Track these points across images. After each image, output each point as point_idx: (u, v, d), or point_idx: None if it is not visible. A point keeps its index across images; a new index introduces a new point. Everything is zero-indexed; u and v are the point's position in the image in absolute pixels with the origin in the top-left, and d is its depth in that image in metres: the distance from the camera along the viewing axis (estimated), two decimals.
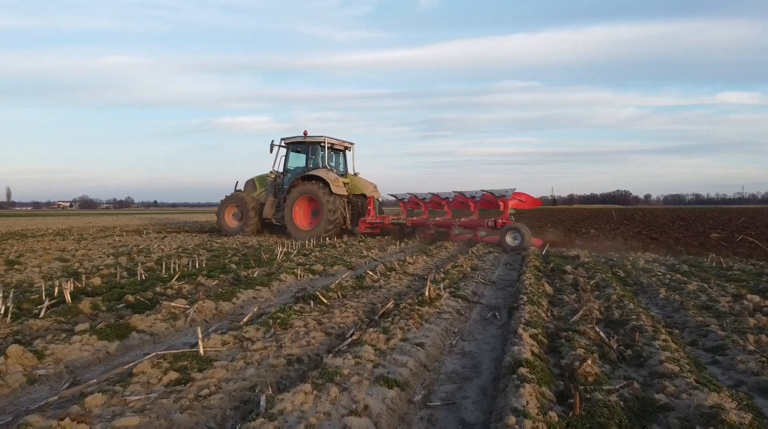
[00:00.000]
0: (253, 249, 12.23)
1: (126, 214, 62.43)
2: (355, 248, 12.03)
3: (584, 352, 3.80)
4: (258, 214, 16.70)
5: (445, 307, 5.21)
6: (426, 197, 14.43)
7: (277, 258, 9.24)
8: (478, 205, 13.63)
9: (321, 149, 16.10)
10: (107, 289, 6.30)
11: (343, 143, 16.98)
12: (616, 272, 8.44)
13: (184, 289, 6.32)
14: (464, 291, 6.21)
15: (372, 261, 9.90)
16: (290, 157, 16.68)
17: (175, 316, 4.78)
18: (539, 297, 5.67)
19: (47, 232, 19.69)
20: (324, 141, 15.96)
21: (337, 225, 15.05)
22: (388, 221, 14.96)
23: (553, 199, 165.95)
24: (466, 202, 13.82)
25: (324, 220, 14.91)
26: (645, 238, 16.11)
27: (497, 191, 12.86)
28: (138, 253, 10.95)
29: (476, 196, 13.44)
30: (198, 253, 11.18)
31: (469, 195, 13.47)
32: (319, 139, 15.97)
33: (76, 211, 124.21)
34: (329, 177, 14.93)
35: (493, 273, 8.52)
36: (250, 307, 5.54)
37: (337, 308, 5.11)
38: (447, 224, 13.98)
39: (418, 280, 7.31)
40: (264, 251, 11.15)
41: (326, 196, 14.78)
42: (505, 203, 12.78)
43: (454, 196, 13.96)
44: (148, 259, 9.89)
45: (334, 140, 16.43)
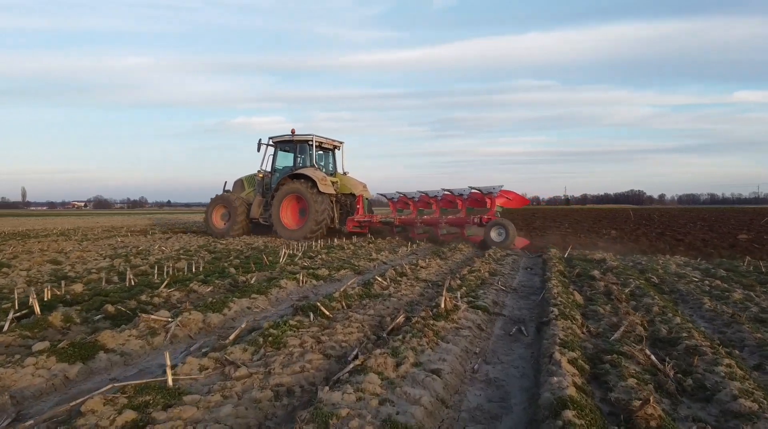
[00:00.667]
0: (258, 251, 11.64)
1: (138, 214, 62.37)
2: (364, 250, 11.39)
3: (636, 383, 3.12)
4: (245, 215, 16.40)
5: (463, 321, 4.55)
6: (415, 196, 14.16)
7: (281, 261, 8.62)
8: (466, 203, 13.36)
9: (309, 148, 15.82)
10: (90, 297, 5.71)
11: (332, 142, 16.65)
12: (649, 278, 7.70)
13: (173, 297, 5.71)
14: (484, 300, 5.54)
15: (381, 264, 9.25)
16: (278, 156, 16.40)
17: (153, 331, 4.16)
18: (571, 308, 4.98)
19: (51, 233, 19.28)
20: (312, 140, 15.66)
21: (324, 224, 14.79)
22: (376, 220, 14.71)
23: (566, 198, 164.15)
24: (454, 200, 13.55)
25: (311, 220, 14.62)
26: (670, 240, 15.29)
27: (484, 188, 12.63)
28: (136, 256, 10.40)
29: (464, 193, 13.18)
30: (199, 255, 10.61)
31: (457, 193, 13.21)
32: (306, 138, 15.68)
33: (90, 210, 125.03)
34: (316, 176, 14.64)
35: (513, 278, 7.83)
36: (243, 320, 4.92)
37: (340, 322, 4.46)
38: (434, 222, 13.68)
39: (431, 287, 6.65)
40: (268, 253, 10.54)
41: (313, 195, 14.51)
42: (492, 201, 12.55)
43: (442, 195, 13.67)
44: (144, 261, 9.32)
45: (323, 139, 16.10)
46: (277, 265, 8.19)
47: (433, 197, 13.80)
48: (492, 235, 11.88)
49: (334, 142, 16.80)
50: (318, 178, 14.61)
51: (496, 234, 11.82)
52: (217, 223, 16.97)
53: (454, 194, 13.31)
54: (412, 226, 14.26)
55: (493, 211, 12.57)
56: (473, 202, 13.22)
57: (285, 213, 15.39)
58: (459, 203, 13.37)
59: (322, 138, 16.06)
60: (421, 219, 13.91)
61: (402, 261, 9.64)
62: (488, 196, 12.65)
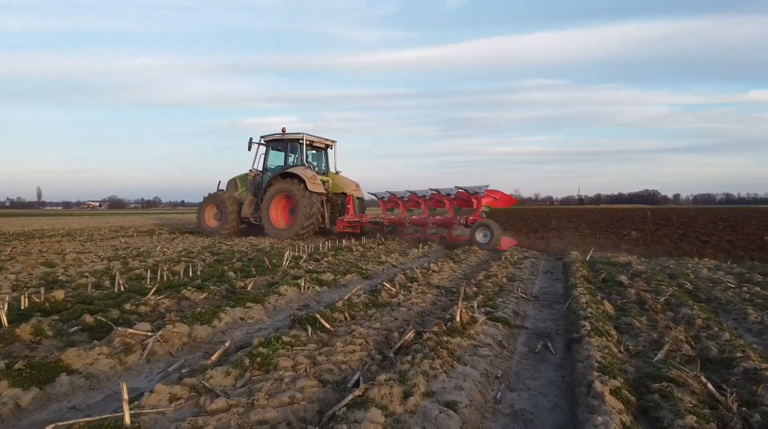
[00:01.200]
0: (262, 252, 11.16)
1: (150, 214, 62.39)
2: (373, 252, 10.85)
3: (696, 422, 2.56)
4: (237, 214, 16.23)
5: (481, 337, 3.99)
6: (404, 196, 13.90)
7: (284, 264, 8.11)
8: (453, 202, 13.04)
9: (300, 147, 15.63)
10: (72, 305, 5.24)
11: (323, 141, 16.43)
12: (682, 284, 7.07)
13: (162, 306, 5.22)
14: (503, 311, 4.98)
15: (391, 268, 8.71)
16: (270, 155, 16.22)
17: (129, 348, 3.66)
18: (602, 321, 4.41)
19: (57, 233, 18.98)
20: (302, 138, 15.49)
21: (314, 223, 14.60)
22: (365, 220, 14.51)
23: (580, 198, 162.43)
24: (442, 200, 13.25)
25: (300, 218, 14.41)
26: (694, 241, 14.59)
27: (471, 188, 12.33)
28: (135, 258, 9.96)
29: (451, 193, 12.86)
30: (201, 257, 10.16)
31: (444, 192, 12.88)
32: (297, 137, 15.51)
33: (104, 210, 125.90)
34: (306, 174, 14.43)
35: (533, 284, 7.25)
36: (235, 333, 4.40)
37: (342, 337, 3.92)
38: (422, 222, 13.45)
39: (445, 295, 6.08)
40: (273, 255, 10.06)
41: (302, 193, 14.31)
42: (478, 200, 12.28)
43: (430, 195, 13.36)
44: (142, 264, 8.86)
45: (314, 137, 15.90)
46: (280, 269, 7.68)
47: (421, 197, 13.54)
48: (477, 237, 11.61)
49: (326, 141, 16.57)
50: (307, 176, 14.40)
51: (482, 235, 11.57)
52: (209, 222, 16.84)
53: (442, 194, 13.04)
54: (401, 225, 14.07)
55: (479, 211, 12.28)
56: (461, 201, 12.96)
57: (275, 212, 15.23)
58: (446, 203, 13.12)
59: (313, 137, 15.88)
60: (409, 219, 13.67)
61: (413, 264, 9.10)
62: (474, 196, 12.38)
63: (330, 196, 15.87)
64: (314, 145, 16.17)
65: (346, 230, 14.84)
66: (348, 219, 14.70)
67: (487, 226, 11.63)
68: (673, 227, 20.97)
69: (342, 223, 14.74)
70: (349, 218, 14.70)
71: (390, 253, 10.68)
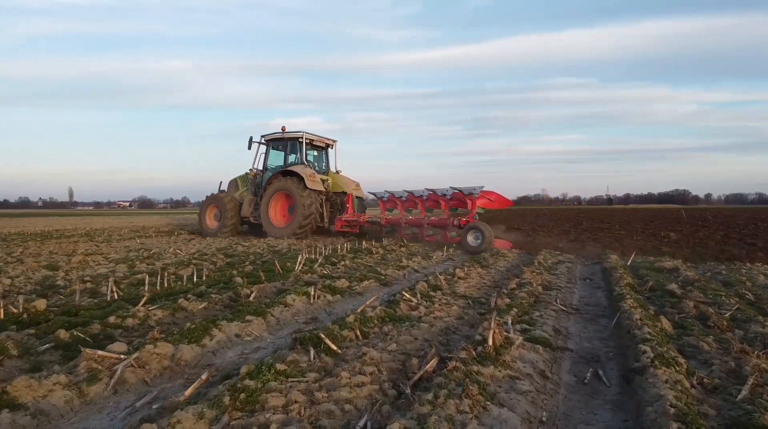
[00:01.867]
0: (278, 254, 10.60)
1: (177, 214, 62.78)
2: (394, 255, 10.19)
3: None
4: (236, 214, 16.10)
5: (519, 365, 3.29)
6: (402, 195, 13.63)
7: (296, 268, 7.49)
8: (449, 203, 12.74)
9: (299, 146, 15.53)
10: (55, 316, 4.70)
11: (323, 140, 16.31)
12: (743, 294, 6.23)
13: (153, 318, 4.64)
14: (542, 328, 4.26)
15: (412, 273, 8.03)
16: (270, 155, 16.14)
17: (95, 375, 3.06)
18: (664, 343, 3.66)
19: (77, 233, 18.80)
20: (302, 137, 15.40)
21: (312, 221, 14.43)
22: (363, 220, 14.29)
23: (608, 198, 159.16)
24: (438, 200, 12.93)
25: (298, 215, 14.23)
26: (739, 243, 13.53)
27: (466, 189, 12.03)
28: (144, 260, 9.49)
29: (447, 194, 12.57)
30: (213, 259, 9.65)
31: (440, 193, 12.60)
32: (297, 135, 15.43)
33: (133, 210, 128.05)
34: (305, 172, 14.33)
35: (572, 293, 6.49)
36: (226, 355, 3.78)
37: (350, 363, 3.26)
38: (418, 223, 13.23)
39: (472, 307, 5.37)
40: (288, 258, 9.49)
41: (300, 191, 14.18)
42: (473, 202, 11.94)
43: (427, 195, 13.07)
44: (150, 267, 8.37)
45: (314, 136, 15.80)
46: (292, 274, 7.07)
47: (418, 197, 13.25)
48: (469, 240, 11.31)
49: (326, 140, 16.41)
50: (306, 174, 14.24)
51: (473, 238, 11.27)
52: (210, 222, 16.72)
53: (437, 194, 12.72)
54: (398, 226, 13.83)
55: (473, 212, 11.95)
56: (458, 202, 12.62)
57: (274, 211, 15.06)
58: (442, 204, 12.75)
59: (313, 136, 15.75)
60: (405, 219, 13.43)
61: (437, 268, 8.39)
62: (469, 197, 12.01)
63: (330, 196, 15.72)
64: (314, 144, 16.02)
65: (345, 230, 14.70)
66: (346, 218, 14.52)
67: (478, 228, 11.29)
68: (712, 228, 19.82)
69: (340, 222, 14.59)
70: (347, 217, 14.52)
71: (412, 256, 9.99)
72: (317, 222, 14.71)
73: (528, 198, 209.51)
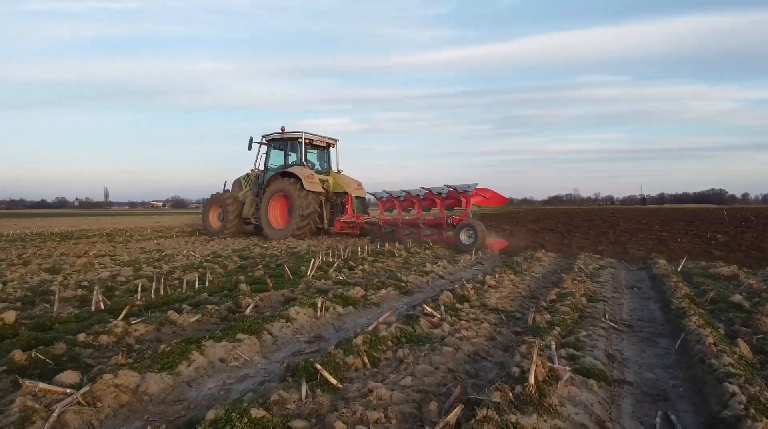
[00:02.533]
0: (296, 257, 9.99)
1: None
2: (418, 258, 9.46)
3: None
4: (238, 214, 16.01)
5: (570, 410, 2.52)
6: (400, 195, 13.33)
7: (308, 274, 6.81)
8: (445, 202, 12.37)
9: (299, 146, 15.38)
10: (27, 330, 4.12)
11: (324, 139, 16.12)
12: None
13: (134, 333, 4.02)
14: (592, 353, 3.47)
15: (437, 280, 7.27)
16: (271, 155, 16.00)
17: (28, 416, 2.42)
18: (755, 382, 2.84)
19: (98, 233, 18.60)
20: (301, 137, 15.27)
21: (310, 223, 14.26)
22: (361, 220, 14.15)
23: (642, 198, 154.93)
24: (434, 199, 12.56)
25: (295, 217, 14.06)
26: None
27: (460, 187, 11.67)
28: (153, 262, 8.98)
29: (442, 192, 12.19)
30: (225, 262, 9.09)
31: (435, 191, 12.22)
32: (296, 136, 15.31)
33: (166, 210, 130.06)
34: (303, 173, 14.14)
35: (620, 305, 5.64)
36: (204, 386, 3.11)
37: (350, 405, 2.55)
38: (414, 223, 13.02)
39: (506, 324, 4.59)
40: (304, 261, 8.87)
41: (298, 192, 14.00)
42: (467, 200, 11.61)
43: (424, 194, 12.73)
44: (156, 270, 7.83)
45: (314, 136, 15.66)
46: (302, 280, 6.40)
47: (415, 196, 12.96)
48: (462, 238, 11.09)
49: (327, 139, 16.22)
50: (304, 175, 14.04)
51: (466, 236, 11.04)
52: (213, 222, 16.68)
53: (433, 193, 12.38)
54: (396, 226, 13.59)
55: (467, 211, 11.68)
56: (454, 201, 12.29)
57: (273, 212, 14.89)
58: (438, 203, 12.44)
59: (313, 136, 15.60)
60: (402, 219, 13.27)
61: (463, 274, 7.63)
62: (463, 195, 11.70)
63: (330, 196, 15.51)
64: (314, 143, 15.85)
65: (344, 231, 14.54)
66: (345, 219, 14.35)
67: (471, 226, 11.02)
68: (758, 229, 18.48)
69: (339, 223, 14.44)
70: (346, 218, 14.35)
71: (437, 259, 9.24)
72: (316, 223, 14.54)
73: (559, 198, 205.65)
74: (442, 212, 12.42)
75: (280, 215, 14.97)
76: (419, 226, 12.84)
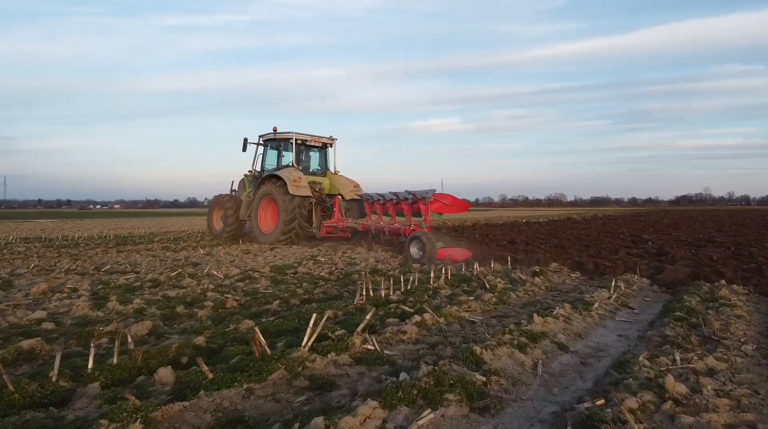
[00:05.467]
0: (344, 283, 7.09)
1: None
2: (519, 296, 6.11)
3: None
4: (236, 216, 15.59)
5: None
6: (380, 199, 12.24)
7: (304, 342, 3.72)
8: (412, 208, 11.09)
9: (291, 146, 14.85)
10: None
11: (319, 139, 15.45)
12: None
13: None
14: None
15: (554, 357, 3.84)
16: (267, 155, 15.54)
17: None
18: None
19: (166, 238, 17.09)
20: (292, 138, 14.69)
21: (296, 228, 13.46)
22: (342, 225, 13.24)
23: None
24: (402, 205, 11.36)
25: (280, 223, 13.49)
26: None
27: (419, 192, 10.74)
28: (161, 285, 6.52)
29: (409, 198, 10.99)
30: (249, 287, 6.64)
31: (420, 195, 10.77)
32: (287, 136, 14.79)
33: None
34: (289, 176, 13.47)
35: None
36: None
37: None
38: (381, 230, 12.12)
39: None
40: (347, 294, 5.93)
41: (283, 196, 13.36)
42: (426, 207, 10.56)
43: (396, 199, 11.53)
44: (151, 308, 5.28)
45: (306, 136, 15.08)
46: (289, 359, 3.35)
47: (389, 200, 11.78)
48: (412, 251, 10.05)
49: (322, 139, 15.55)
50: (290, 178, 13.34)
51: (416, 249, 10.01)
52: (216, 224, 16.37)
53: (400, 198, 11.28)
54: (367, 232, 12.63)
55: (427, 218, 10.59)
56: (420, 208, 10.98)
57: (264, 215, 14.30)
58: (404, 208, 11.30)
59: (305, 136, 15.04)
60: (375, 225, 12.23)
61: (607, 340, 4.20)
62: (422, 202, 10.65)
63: (323, 199, 14.78)
64: (307, 144, 15.26)
65: (335, 235, 13.84)
66: (329, 223, 13.63)
67: (419, 237, 10.00)
68: None
69: (324, 227, 13.71)
70: (330, 223, 13.62)
71: (554, 300, 5.81)
72: (303, 228, 13.75)
73: (688, 197, 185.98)
74: (409, 219, 11.17)
75: (271, 218, 14.21)
76: (383, 233, 12.07)
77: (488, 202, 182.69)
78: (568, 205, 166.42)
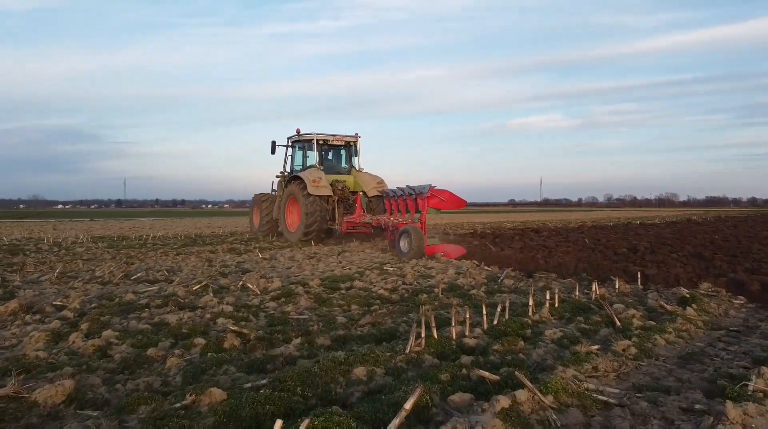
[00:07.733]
0: (408, 305, 5.25)
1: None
2: (700, 330, 3.89)
3: None
4: (270, 214, 16.19)
5: None
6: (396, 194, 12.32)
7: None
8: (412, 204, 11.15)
9: (313, 147, 15.08)
10: None
11: (341, 138, 15.65)
12: None
13: None
14: None
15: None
16: (295, 156, 16.15)
17: None
18: None
19: (214, 241, 16.11)
20: (313, 138, 14.99)
21: (317, 227, 13.76)
22: (359, 221, 13.40)
23: None
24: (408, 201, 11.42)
25: (301, 223, 13.90)
26: None
27: (417, 188, 10.66)
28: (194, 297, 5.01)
29: (413, 193, 10.91)
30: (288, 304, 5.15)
31: (417, 191, 10.67)
32: (309, 137, 15.14)
33: None
34: (309, 176, 13.84)
35: None
36: None
37: None
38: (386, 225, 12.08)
39: None
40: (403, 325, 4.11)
41: (304, 198, 13.75)
42: (423, 202, 10.35)
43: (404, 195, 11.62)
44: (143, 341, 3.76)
45: (328, 136, 15.40)
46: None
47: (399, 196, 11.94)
48: (401, 245, 9.95)
49: (344, 138, 15.71)
50: (309, 179, 13.69)
51: (405, 244, 9.86)
52: (256, 222, 17.12)
53: (407, 193, 11.40)
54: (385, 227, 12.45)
55: (424, 214, 10.55)
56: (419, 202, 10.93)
57: (290, 215, 14.82)
58: (409, 204, 11.37)
59: (326, 136, 15.32)
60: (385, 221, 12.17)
61: None
62: (419, 197, 10.55)
63: (347, 196, 14.88)
64: (330, 143, 15.55)
65: (357, 231, 13.84)
66: (350, 219, 13.69)
67: (407, 231, 9.93)
68: None
69: (345, 223, 13.77)
70: (351, 218, 13.69)
71: (733, 342, 3.56)
72: (325, 225, 14.07)
73: None
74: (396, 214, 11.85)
75: (296, 218, 14.49)
76: (388, 229, 12.08)
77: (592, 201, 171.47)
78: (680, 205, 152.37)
